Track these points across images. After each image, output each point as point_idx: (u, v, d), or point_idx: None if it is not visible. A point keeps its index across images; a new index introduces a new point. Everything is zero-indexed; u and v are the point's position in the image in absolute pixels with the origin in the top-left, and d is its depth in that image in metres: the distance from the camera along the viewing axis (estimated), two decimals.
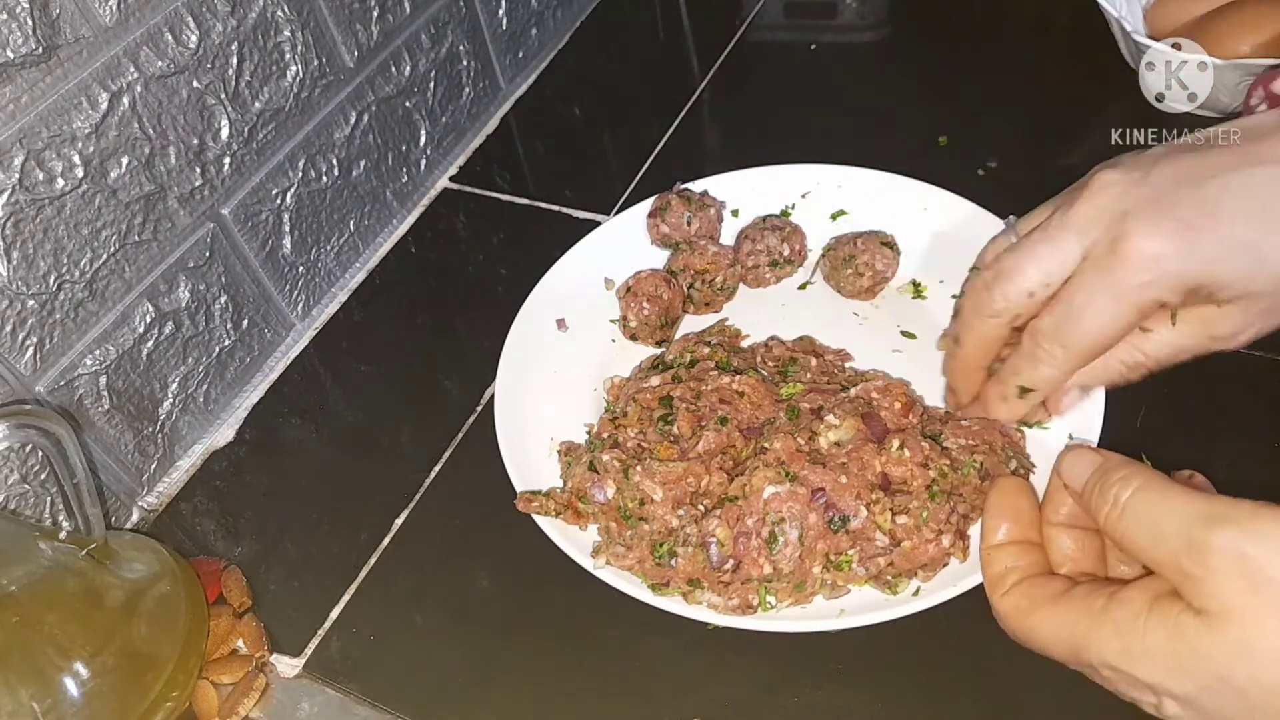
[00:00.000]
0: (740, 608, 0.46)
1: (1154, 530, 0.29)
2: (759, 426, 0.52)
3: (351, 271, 0.73)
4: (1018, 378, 0.41)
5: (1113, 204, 0.36)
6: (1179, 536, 0.28)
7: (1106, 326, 0.37)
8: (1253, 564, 0.26)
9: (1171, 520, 0.28)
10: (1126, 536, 0.30)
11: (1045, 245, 0.38)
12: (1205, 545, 0.27)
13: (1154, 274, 0.35)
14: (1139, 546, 0.30)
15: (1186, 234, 0.35)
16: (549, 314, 0.62)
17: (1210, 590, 0.27)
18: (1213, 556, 0.27)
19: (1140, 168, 0.37)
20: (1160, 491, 0.30)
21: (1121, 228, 0.36)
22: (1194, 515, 0.28)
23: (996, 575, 0.37)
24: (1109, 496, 0.31)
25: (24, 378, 0.52)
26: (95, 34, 0.50)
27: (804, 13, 0.87)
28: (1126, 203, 0.36)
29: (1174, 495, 0.29)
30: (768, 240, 0.61)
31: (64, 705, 0.45)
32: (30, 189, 0.49)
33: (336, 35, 0.65)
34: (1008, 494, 0.38)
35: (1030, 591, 0.34)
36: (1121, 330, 0.37)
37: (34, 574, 0.46)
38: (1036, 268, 0.39)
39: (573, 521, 0.50)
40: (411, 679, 0.50)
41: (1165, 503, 0.29)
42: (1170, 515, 0.29)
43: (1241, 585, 0.26)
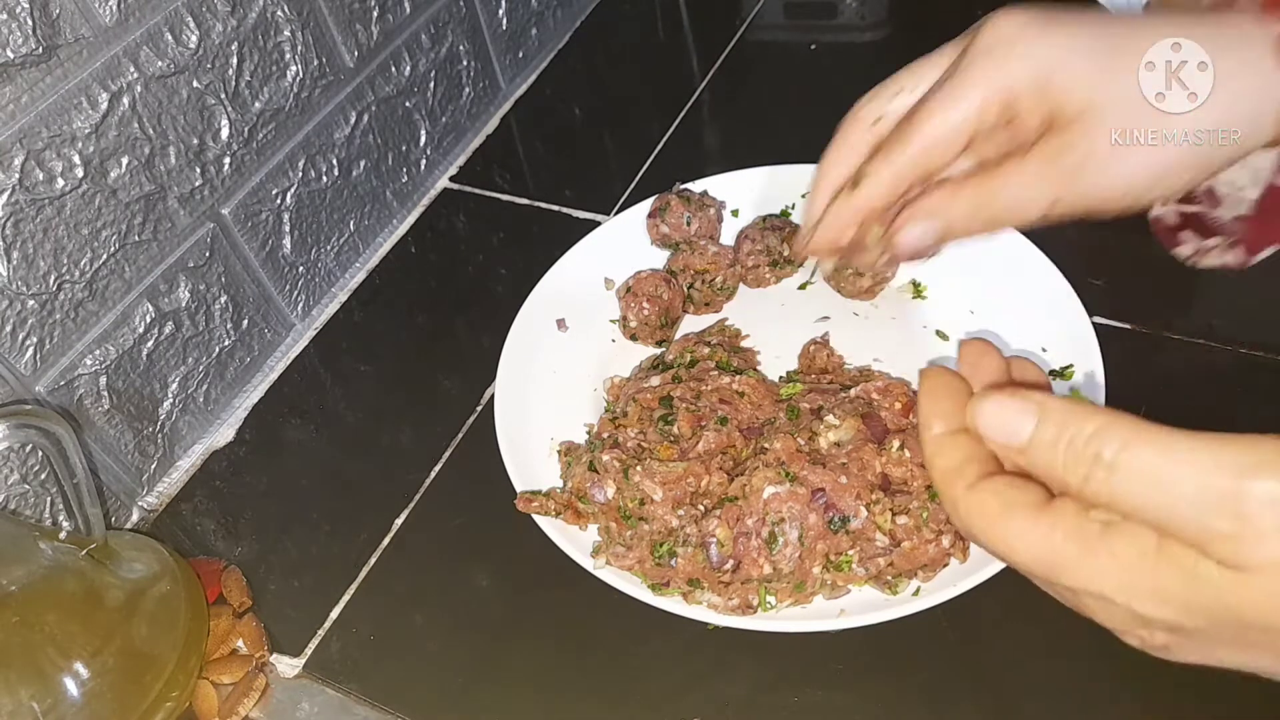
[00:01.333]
0: (740, 608, 0.46)
1: (1167, 491, 0.25)
2: (759, 426, 0.52)
3: (351, 271, 0.73)
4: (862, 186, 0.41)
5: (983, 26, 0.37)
6: (1201, 491, 0.24)
7: (948, 115, 0.37)
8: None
9: (1188, 476, 0.25)
10: (1125, 498, 0.26)
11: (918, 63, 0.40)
12: (1239, 497, 0.24)
13: (1004, 56, 0.35)
14: (1146, 508, 0.26)
15: (1042, 24, 0.35)
16: (549, 314, 0.62)
17: (1249, 546, 0.24)
18: (1247, 507, 0.24)
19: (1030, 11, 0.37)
20: (1158, 442, 0.26)
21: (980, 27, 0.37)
22: (1216, 465, 0.24)
23: (952, 466, 0.30)
24: (1087, 456, 0.26)
25: (24, 378, 0.52)
26: (95, 34, 0.50)
27: (804, 13, 0.87)
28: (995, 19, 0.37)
29: (1177, 444, 0.25)
30: (768, 240, 0.61)
31: (64, 705, 0.45)
32: (30, 189, 0.49)
33: (336, 35, 0.65)
34: (943, 375, 0.32)
35: (1004, 492, 0.29)
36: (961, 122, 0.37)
37: (34, 574, 0.46)
38: (908, 72, 0.40)
39: (573, 521, 0.50)
40: (411, 679, 0.50)
41: (1171, 456, 0.25)
42: (1184, 470, 0.25)
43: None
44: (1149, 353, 0.55)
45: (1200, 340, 0.55)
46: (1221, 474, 0.24)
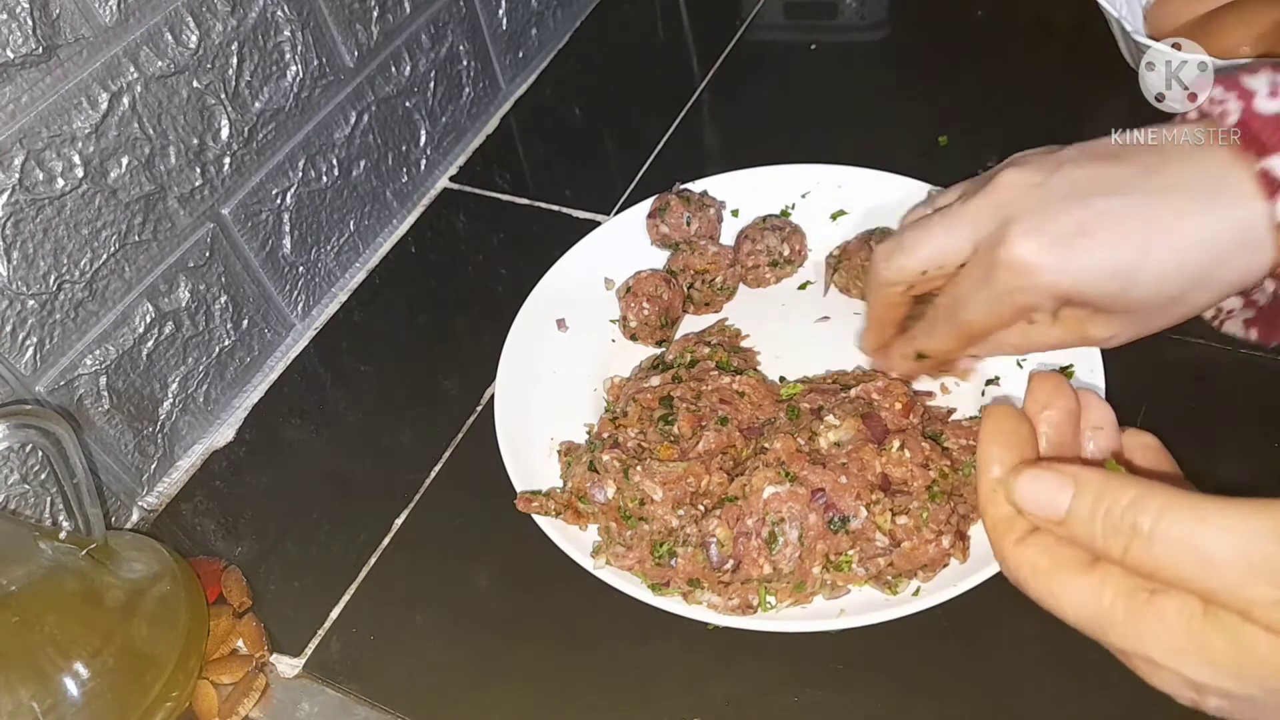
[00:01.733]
0: (740, 608, 0.46)
1: (1206, 560, 0.25)
2: (759, 426, 0.52)
3: (351, 271, 0.73)
4: (915, 343, 0.46)
5: (1005, 205, 0.38)
6: (1240, 559, 0.25)
7: (986, 319, 0.40)
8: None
9: (1227, 545, 0.25)
10: (1165, 569, 0.26)
11: (941, 231, 0.41)
12: (1277, 563, 0.24)
13: (1026, 283, 0.38)
14: (1187, 577, 0.26)
15: (1060, 251, 0.37)
16: (549, 314, 0.62)
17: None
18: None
19: (1043, 171, 0.38)
20: (1194, 511, 0.26)
21: (1004, 233, 0.38)
22: (1253, 531, 0.25)
23: (1004, 517, 0.31)
24: (1125, 527, 0.27)
25: (24, 378, 0.52)
26: (95, 34, 0.50)
27: (804, 13, 0.87)
28: (1016, 208, 0.38)
29: (1213, 512, 0.25)
30: (767, 240, 0.61)
31: (64, 705, 0.45)
32: (30, 189, 0.49)
33: (336, 35, 0.65)
34: (1007, 419, 0.32)
35: (1052, 550, 0.30)
36: (1000, 324, 0.41)
37: (34, 574, 0.46)
38: (929, 249, 0.42)
39: (573, 521, 0.50)
40: (411, 679, 0.50)
41: (1208, 523, 0.25)
42: (1223, 539, 0.25)
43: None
44: (1149, 353, 0.54)
45: (1200, 340, 0.55)
46: (1259, 540, 0.24)
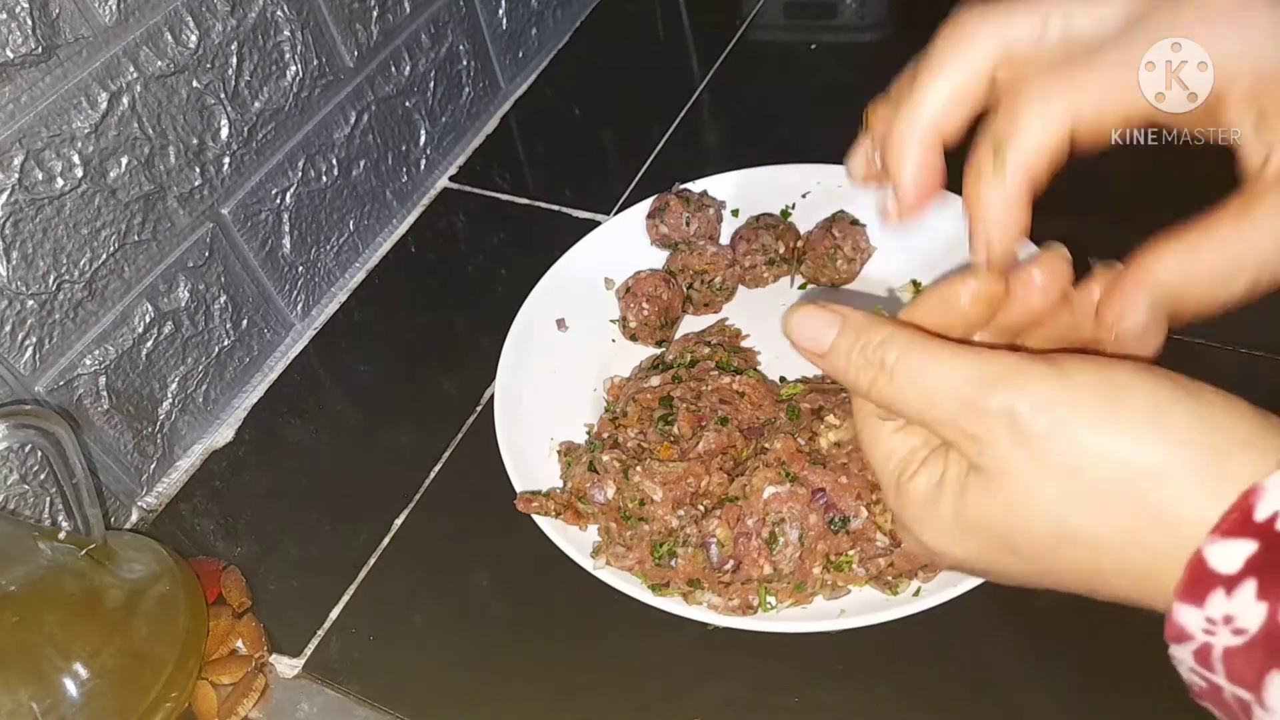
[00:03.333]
0: (740, 608, 0.46)
1: (929, 394, 0.28)
2: (759, 426, 0.52)
3: (351, 271, 0.73)
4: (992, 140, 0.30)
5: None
6: (954, 399, 0.28)
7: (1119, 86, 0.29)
8: (1022, 422, 0.27)
9: (946, 382, 0.28)
10: (899, 401, 0.29)
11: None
12: (979, 407, 0.27)
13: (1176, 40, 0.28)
14: (914, 411, 0.29)
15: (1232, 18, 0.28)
16: (549, 314, 0.62)
17: (988, 450, 0.27)
18: (987, 417, 0.27)
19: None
20: (929, 353, 0.29)
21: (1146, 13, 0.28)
22: (964, 377, 0.28)
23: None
24: (873, 360, 0.30)
25: (24, 378, 0.52)
26: (95, 34, 0.50)
27: (804, 13, 0.87)
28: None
29: (943, 356, 0.29)
30: (763, 239, 0.61)
31: (64, 705, 0.45)
32: (30, 189, 0.49)
33: (336, 35, 0.65)
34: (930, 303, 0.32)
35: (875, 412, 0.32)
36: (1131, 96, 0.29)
37: (33, 574, 0.46)
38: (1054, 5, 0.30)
39: (573, 521, 0.50)
40: (411, 679, 0.50)
41: (936, 364, 0.29)
42: (944, 378, 0.28)
43: (1012, 441, 0.27)
44: None
45: (1200, 340, 0.55)
46: (970, 385, 0.28)
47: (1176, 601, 0.25)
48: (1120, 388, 0.27)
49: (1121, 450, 0.26)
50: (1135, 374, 0.27)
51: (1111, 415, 0.26)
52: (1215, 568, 0.24)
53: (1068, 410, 0.26)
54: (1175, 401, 0.26)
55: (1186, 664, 0.25)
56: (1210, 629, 0.24)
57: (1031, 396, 0.27)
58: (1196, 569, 0.24)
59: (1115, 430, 0.26)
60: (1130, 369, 0.27)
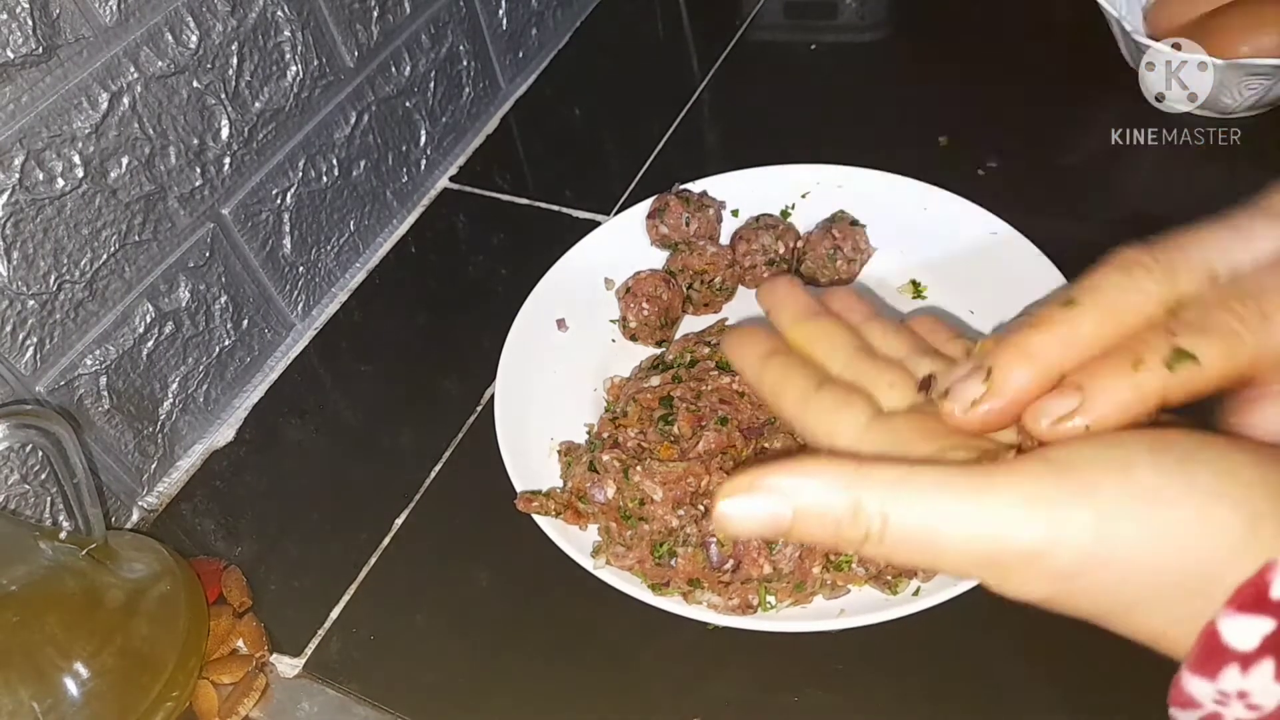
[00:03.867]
0: (740, 608, 0.46)
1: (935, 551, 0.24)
2: (759, 426, 0.52)
3: (351, 271, 0.73)
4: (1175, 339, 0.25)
5: None
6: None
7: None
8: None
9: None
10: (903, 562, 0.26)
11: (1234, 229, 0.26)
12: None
13: None
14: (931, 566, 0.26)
15: None
16: (549, 314, 0.62)
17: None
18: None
19: None
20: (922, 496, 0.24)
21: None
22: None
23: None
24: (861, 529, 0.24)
25: (24, 378, 0.52)
26: (95, 34, 0.50)
27: (804, 13, 0.87)
28: None
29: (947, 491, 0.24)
30: (762, 239, 0.61)
31: (64, 705, 0.45)
32: (30, 189, 0.49)
33: (336, 35, 0.65)
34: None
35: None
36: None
37: (34, 574, 0.46)
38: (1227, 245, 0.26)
39: (573, 521, 0.50)
40: (411, 679, 0.50)
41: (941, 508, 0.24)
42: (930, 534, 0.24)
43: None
44: None
45: None
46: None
47: (1187, 672, 0.23)
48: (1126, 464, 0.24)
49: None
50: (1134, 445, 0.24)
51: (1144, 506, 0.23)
52: (1229, 643, 0.23)
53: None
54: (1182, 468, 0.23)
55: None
56: (1222, 700, 0.23)
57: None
58: (1209, 642, 0.23)
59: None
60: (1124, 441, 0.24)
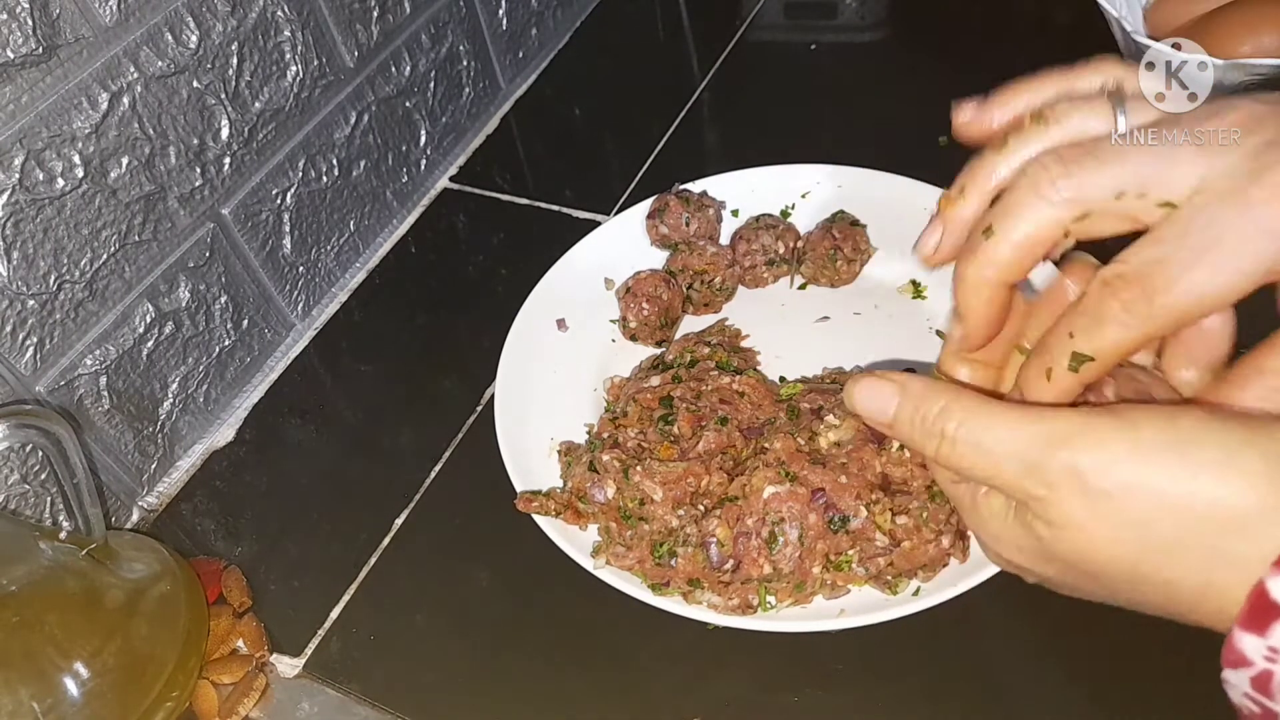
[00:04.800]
0: (740, 608, 0.46)
1: (991, 459, 0.29)
2: (759, 426, 0.52)
3: (351, 271, 0.73)
4: (1073, 342, 0.29)
5: (1260, 130, 0.27)
6: (1017, 461, 0.28)
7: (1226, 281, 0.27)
8: (1088, 480, 0.27)
9: (1006, 446, 0.29)
10: (964, 467, 0.30)
11: (1156, 149, 0.28)
12: (1043, 467, 0.28)
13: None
14: (981, 475, 0.30)
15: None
16: (549, 314, 0.62)
17: (1054, 508, 0.28)
18: (1051, 476, 0.28)
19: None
20: (987, 417, 0.29)
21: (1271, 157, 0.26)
22: (1027, 439, 0.28)
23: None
24: (934, 430, 0.30)
25: (24, 378, 0.52)
26: (95, 34, 0.50)
27: (804, 13, 0.88)
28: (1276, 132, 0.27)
29: (1001, 419, 0.29)
30: (763, 239, 0.61)
31: (64, 705, 0.45)
32: (30, 189, 0.49)
33: (336, 35, 0.65)
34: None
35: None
36: (1240, 291, 0.28)
37: (34, 574, 0.46)
38: (1139, 166, 0.28)
39: (573, 521, 0.50)
40: (411, 679, 0.50)
41: (995, 429, 0.29)
42: (1004, 441, 0.29)
43: (1079, 500, 0.27)
44: None
45: None
46: (1032, 447, 0.28)
47: (1237, 629, 0.25)
48: (1189, 438, 0.26)
49: (1190, 501, 0.26)
50: (1204, 421, 0.27)
51: (1181, 466, 0.26)
52: (1277, 599, 0.24)
53: (1135, 465, 0.27)
54: (1247, 445, 0.26)
55: (1241, 689, 0.26)
56: (1272, 656, 0.25)
57: (1095, 454, 0.27)
58: (1259, 599, 0.25)
59: (1186, 481, 0.26)
60: (1198, 416, 0.27)
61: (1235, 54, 0.60)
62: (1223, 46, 0.60)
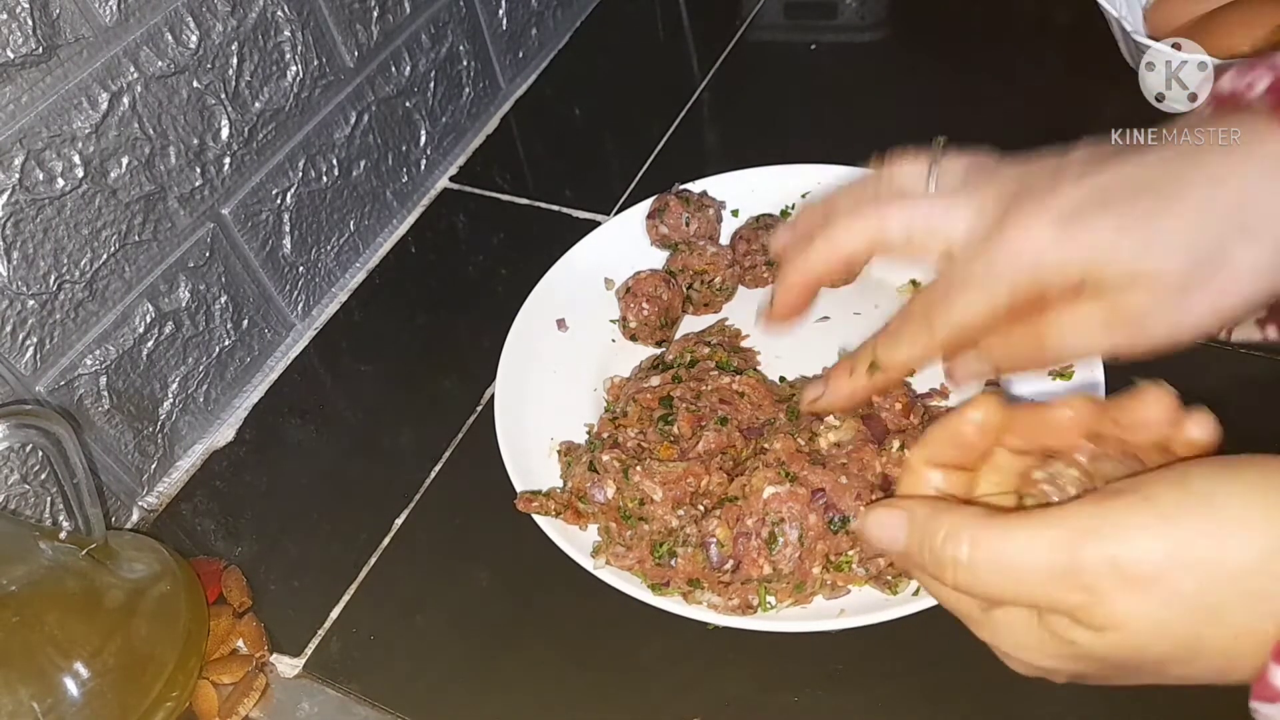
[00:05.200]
0: (740, 608, 0.46)
1: (1015, 577, 0.27)
2: (759, 426, 0.52)
3: (351, 271, 0.73)
4: (873, 352, 0.38)
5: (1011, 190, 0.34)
6: (1045, 571, 0.27)
7: (976, 311, 0.34)
8: (1129, 569, 0.26)
9: (1028, 557, 0.27)
10: (989, 591, 0.28)
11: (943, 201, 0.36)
12: (1076, 569, 0.26)
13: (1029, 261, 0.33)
14: (1006, 596, 0.28)
15: (1071, 223, 0.32)
16: (549, 314, 0.62)
17: (1099, 610, 0.26)
18: (1087, 577, 0.26)
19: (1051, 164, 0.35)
20: (1000, 530, 0.28)
21: (1008, 213, 0.33)
22: (1049, 544, 0.27)
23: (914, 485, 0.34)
24: (946, 560, 0.29)
25: (24, 378, 0.52)
26: (95, 34, 0.50)
27: (804, 13, 0.87)
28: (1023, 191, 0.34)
29: (1015, 530, 0.28)
30: (763, 239, 0.61)
31: (64, 705, 0.45)
32: (30, 189, 0.49)
33: (336, 35, 0.65)
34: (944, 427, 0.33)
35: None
36: (990, 315, 0.34)
37: (34, 574, 0.46)
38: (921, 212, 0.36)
39: (573, 521, 0.50)
40: (411, 679, 0.50)
41: (1012, 542, 0.27)
42: (1025, 552, 0.27)
43: (1127, 595, 0.26)
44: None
45: (1200, 340, 0.55)
46: (1057, 552, 0.27)
47: (1273, 664, 0.25)
48: (1206, 494, 0.26)
49: (1232, 562, 0.25)
50: (1212, 473, 0.27)
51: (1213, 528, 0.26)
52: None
53: (1169, 542, 0.26)
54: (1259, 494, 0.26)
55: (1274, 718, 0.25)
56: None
57: (1129, 540, 0.26)
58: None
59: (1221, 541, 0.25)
60: (1203, 471, 0.27)
61: (1235, 54, 0.60)
62: (1223, 46, 0.60)
